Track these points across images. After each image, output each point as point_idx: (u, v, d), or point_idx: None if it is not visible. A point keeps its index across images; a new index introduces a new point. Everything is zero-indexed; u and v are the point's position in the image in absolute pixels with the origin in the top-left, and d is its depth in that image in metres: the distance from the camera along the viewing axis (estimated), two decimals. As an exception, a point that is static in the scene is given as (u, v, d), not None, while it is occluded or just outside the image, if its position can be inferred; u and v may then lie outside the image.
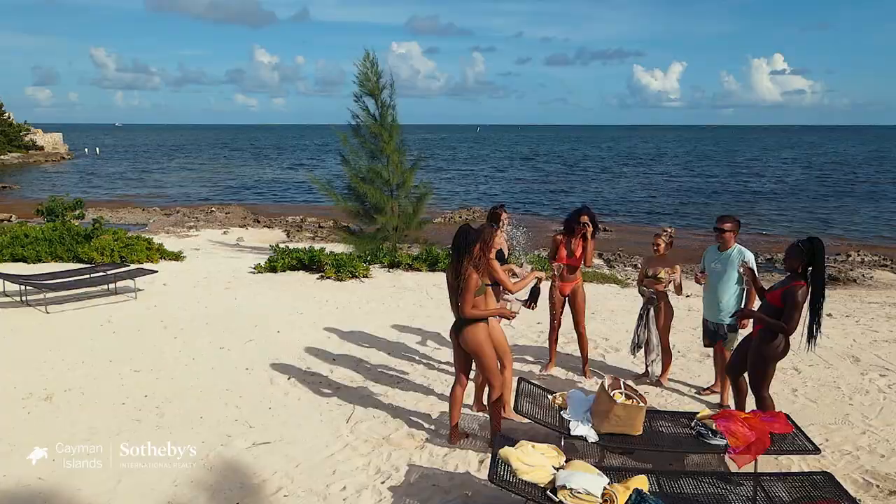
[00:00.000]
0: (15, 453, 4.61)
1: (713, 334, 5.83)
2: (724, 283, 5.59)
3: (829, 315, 9.28)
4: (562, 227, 6.41)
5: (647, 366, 6.25)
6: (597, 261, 15.64)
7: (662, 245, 6.17)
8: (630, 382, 5.87)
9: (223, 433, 5.03)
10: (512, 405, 4.86)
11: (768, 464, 4.46)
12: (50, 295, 8.92)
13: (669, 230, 6.48)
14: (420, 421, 5.31)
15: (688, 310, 9.46)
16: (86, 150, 67.21)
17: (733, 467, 4.26)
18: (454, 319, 4.71)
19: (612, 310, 9.24)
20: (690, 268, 14.11)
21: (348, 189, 13.54)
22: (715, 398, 5.86)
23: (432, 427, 5.20)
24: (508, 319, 4.86)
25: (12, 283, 9.15)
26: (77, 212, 16.33)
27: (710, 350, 7.10)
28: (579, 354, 6.57)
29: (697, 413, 4.58)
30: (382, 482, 4.33)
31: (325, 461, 4.63)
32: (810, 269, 4.59)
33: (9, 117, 56.89)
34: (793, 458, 4.53)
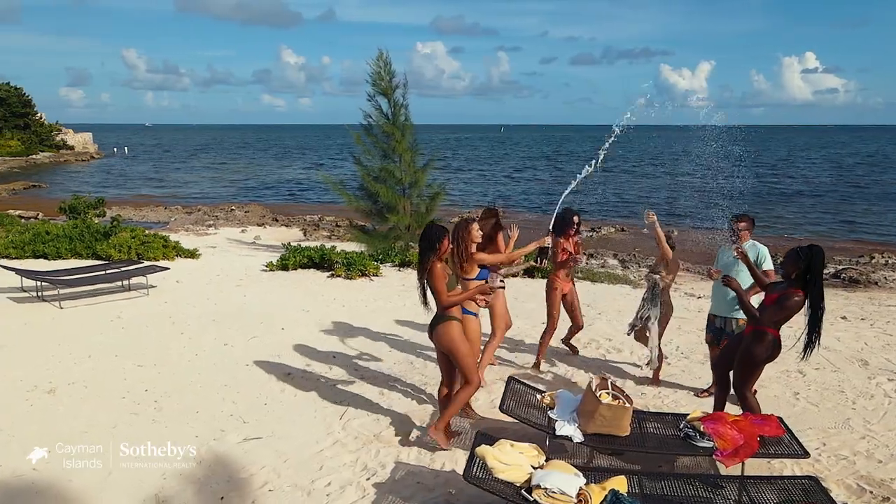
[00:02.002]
0: (13, 444, 4.72)
1: (718, 331, 5.76)
2: (736, 276, 5.48)
3: (844, 318, 9.11)
4: (551, 228, 6.35)
5: (650, 359, 6.20)
6: (611, 261, 15.53)
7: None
8: (617, 382, 5.84)
9: (217, 428, 5.10)
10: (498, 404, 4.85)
11: (761, 467, 4.40)
12: (64, 291, 9.11)
13: (674, 233, 6.47)
14: (413, 419, 5.32)
15: (697, 311, 9.35)
16: (114, 149, 68.53)
17: (726, 470, 4.21)
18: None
19: (619, 310, 9.16)
20: (704, 269, 13.96)
21: (361, 188, 13.64)
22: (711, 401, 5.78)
23: (424, 425, 5.20)
24: (487, 295, 4.76)
25: (29, 279, 9.36)
26: (98, 210, 16.69)
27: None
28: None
29: (688, 415, 4.52)
30: (367, 479, 4.35)
31: (314, 457, 4.67)
32: (808, 276, 4.47)
33: (41, 117, 58.31)
34: (786, 462, 4.46)
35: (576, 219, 6.58)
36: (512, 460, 3.59)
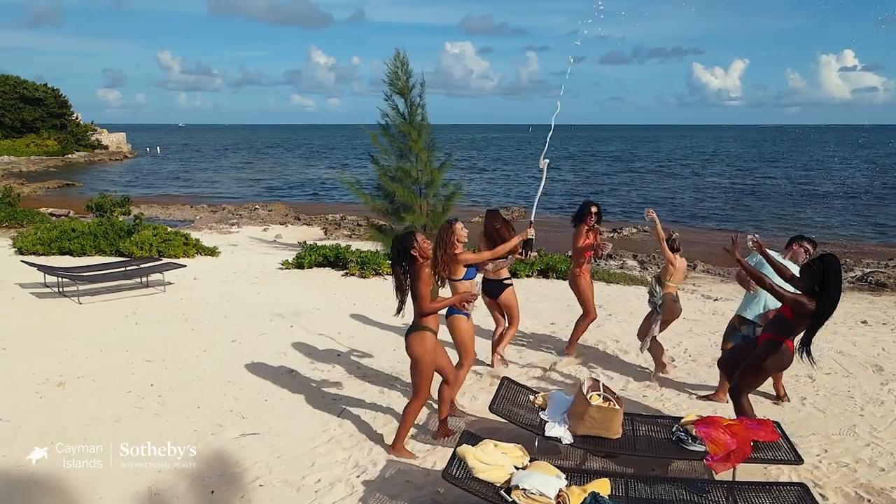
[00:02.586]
0: (18, 436, 4.86)
1: (742, 338, 5.52)
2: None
3: (865, 322, 8.87)
4: (578, 219, 6.78)
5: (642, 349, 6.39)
6: (630, 262, 15.35)
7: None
8: (621, 384, 5.80)
9: (216, 423, 5.18)
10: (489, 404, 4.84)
11: (756, 473, 4.31)
12: (83, 287, 9.34)
13: (675, 235, 6.38)
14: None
15: (712, 314, 9.21)
16: (147, 149, 69.92)
17: (721, 475, 4.15)
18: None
19: (630, 312, 9.05)
20: (725, 271, 13.73)
21: (378, 188, 13.68)
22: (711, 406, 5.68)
23: (420, 423, 5.22)
24: (469, 303, 4.84)
25: (50, 275, 9.62)
26: (124, 208, 17.06)
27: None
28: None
29: (682, 418, 4.46)
30: (357, 476, 4.39)
31: (308, 453, 4.71)
32: (822, 286, 4.35)
33: (77, 118, 59.79)
34: (783, 468, 4.36)
35: (593, 209, 6.68)
36: (493, 460, 3.58)
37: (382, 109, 13.20)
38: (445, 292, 5.37)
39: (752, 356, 4.68)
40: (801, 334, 4.41)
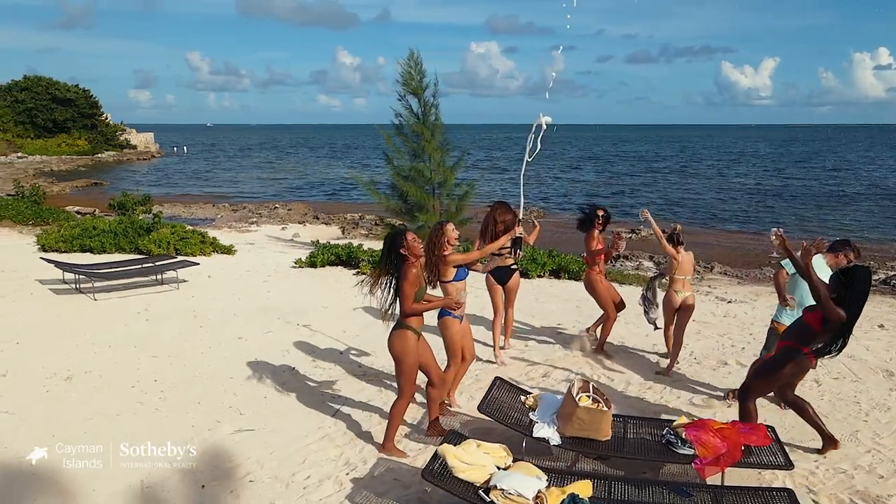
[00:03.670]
0: (21, 428, 4.99)
1: None
2: (799, 288, 5.21)
3: (881, 326, 8.67)
4: (582, 224, 6.96)
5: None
6: (647, 263, 15.20)
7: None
8: (621, 386, 5.77)
9: (214, 419, 5.26)
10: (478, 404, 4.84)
11: (750, 478, 4.25)
12: (99, 284, 9.54)
13: (678, 228, 6.37)
14: (405, 417, 5.33)
15: (723, 316, 9.09)
16: (174, 148, 71.09)
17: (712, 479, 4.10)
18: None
19: (638, 313, 8.92)
20: (743, 272, 13.52)
21: (392, 187, 13.75)
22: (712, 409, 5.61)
23: (415, 423, 5.24)
24: (453, 310, 4.87)
25: (67, 271, 9.84)
26: (145, 207, 17.37)
27: (726, 360, 6.87)
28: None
29: (674, 421, 4.42)
30: (347, 474, 4.42)
31: (300, 450, 4.77)
32: (848, 296, 4.23)
33: (106, 118, 61.02)
34: (777, 473, 4.29)
35: (600, 212, 6.72)
36: (474, 460, 3.58)
37: (396, 109, 13.30)
38: (437, 294, 5.37)
39: (770, 362, 4.61)
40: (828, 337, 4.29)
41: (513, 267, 6.67)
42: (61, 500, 4.10)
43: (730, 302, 10.44)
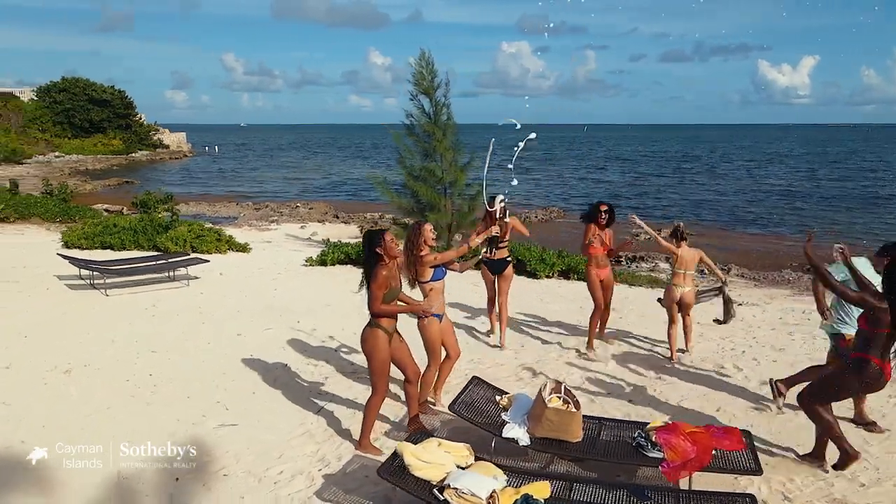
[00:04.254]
0: (14, 419, 5.16)
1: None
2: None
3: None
4: (588, 219, 7.02)
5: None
6: (663, 265, 14.99)
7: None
8: (619, 387, 5.74)
9: (199, 413, 5.36)
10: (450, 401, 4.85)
11: (725, 483, 4.17)
12: (111, 280, 9.78)
13: (680, 224, 6.47)
14: (387, 415, 5.38)
15: (738, 320, 8.89)
16: (205, 148, 72.38)
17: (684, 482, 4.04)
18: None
19: (642, 314, 8.86)
20: (761, 275, 13.26)
21: (404, 186, 13.80)
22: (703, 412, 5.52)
23: (397, 420, 5.28)
24: (424, 317, 4.90)
25: (82, 268, 10.11)
26: (167, 205, 17.74)
27: (723, 364, 6.77)
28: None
29: (648, 423, 4.37)
30: (320, 469, 4.47)
31: (279, 446, 4.83)
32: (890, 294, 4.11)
33: (140, 118, 62.45)
34: (753, 479, 4.21)
35: (603, 208, 6.81)
36: (433, 458, 3.59)
37: (407, 109, 13.35)
38: (417, 294, 5.40)
39: (838, 371, 4.53)
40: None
41: (507, 259, 7.20)
42: (39, 490, 4.21)
43: (741, 304, 10.23)
